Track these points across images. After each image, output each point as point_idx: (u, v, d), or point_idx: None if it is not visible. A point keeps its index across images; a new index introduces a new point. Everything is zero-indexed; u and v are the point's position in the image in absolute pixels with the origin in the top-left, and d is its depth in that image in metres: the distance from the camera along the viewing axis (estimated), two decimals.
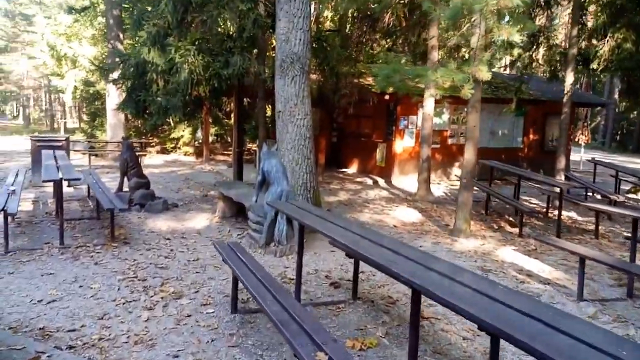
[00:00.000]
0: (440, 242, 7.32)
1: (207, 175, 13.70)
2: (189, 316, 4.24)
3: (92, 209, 8.49)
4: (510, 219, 9.28)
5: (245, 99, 11.66)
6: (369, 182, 13.58)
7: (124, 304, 4.43)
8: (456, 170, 14.57)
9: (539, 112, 15.69)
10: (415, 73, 6.25)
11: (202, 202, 9.69)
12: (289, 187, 6.29)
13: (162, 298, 4.60)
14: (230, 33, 8.16)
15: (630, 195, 12.64)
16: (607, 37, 8.73)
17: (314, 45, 8.76)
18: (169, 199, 9.28)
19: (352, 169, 16.00)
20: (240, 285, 4.26)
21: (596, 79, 27.23)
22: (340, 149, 16.70)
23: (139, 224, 7.72)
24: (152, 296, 4.63)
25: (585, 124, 21.79)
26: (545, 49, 11.47)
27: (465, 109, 14.90)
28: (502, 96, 14.83)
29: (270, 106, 9.62)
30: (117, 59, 8.29)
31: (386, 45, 19.46)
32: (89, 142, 16.74)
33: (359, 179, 13.90)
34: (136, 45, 8.75)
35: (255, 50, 8.66)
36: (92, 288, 4.79)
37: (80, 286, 4.84)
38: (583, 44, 9.65)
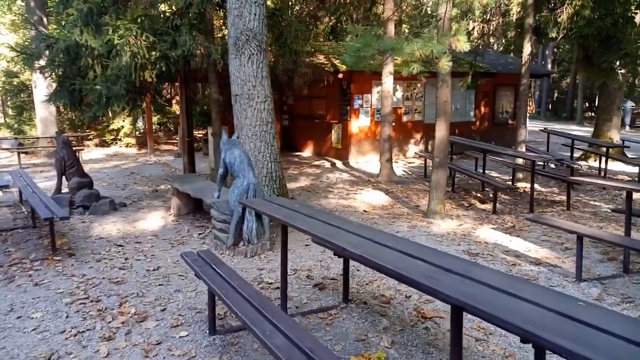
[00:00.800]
0: (416, 226, 6.94)
1: (154, 167, 12.70)
2: (158, 344, 3.57)
3: (26, 215, 7.47)
4: (479, 195, 9.07)
5: (193, 84, 10.74)
6: (327, 164, 13.08)
7: (75, 335, 3.69)
8: (413, 148, 14.33)
9: (489, 85, 15.67)
10: (390, 46, 5.72)
11: (152, 199, 8.83)
12: (255, 180, 5.64)
13: (122, 323, 3.88)
14: (176, 10, 7.27)
15: (582, 162, 12.86)
16: (565, 4, 8.53)
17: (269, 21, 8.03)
18: (115, 198, 8.37)
19: (307, 152, 15.44)
20: (217, 299, 3.62)
21: (545, 49, 27.88)
22: (293, 132, 16.06)
23: (84, 229, 6.83)
24: (110, 322, 3.90)
25: (529, 94, 22.28)
26: (499, 19, 11.25)
27: (419, 85, 14.82)
28: (455, 70, 14.65)
29: (219, 90, 8.81)
30: (43, 44, 7.22)
31: (330, 24, 18.88)
32: (16, 139, 15.17)
33: (316, 162, 13.37)
34: (64, 26, 7.69)
35: (203, 28, 7.82)
36: (33, 318, 3.99)
37: (18, 317, 4.02)
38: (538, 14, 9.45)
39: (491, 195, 8.67)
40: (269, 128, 6.83)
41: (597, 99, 14.06)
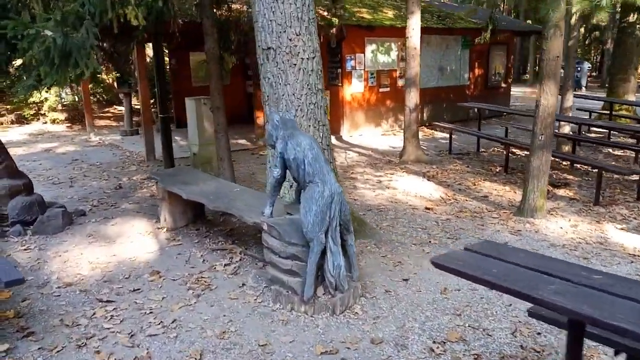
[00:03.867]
0: (520, 231, 5.06)
1: (101, 152, 9.85)
2: None
3: None
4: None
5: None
6: None
7: None
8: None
9: (484, 45, 13.98)
10: None
11: (121, 201, 6.28)
12: (340, 187, 3.43)
13: None
14: None
15: None
16: None
17: None
18: (66, 203, 5.77)
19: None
20: None
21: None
22: (256, 98, 13.55)
23: (31, 266, 4.30)
24: None
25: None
26: None
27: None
28: (450, 26, 12.83)
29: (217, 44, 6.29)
30: None
31: None
32: None
33: None
34: None
35: None
36: None
37: None
38: None
39: (570, 178, 7.00)
40: (319, 99, 4.56)
41: (612, 57, 12.78)
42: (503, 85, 14.79)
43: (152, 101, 10.69)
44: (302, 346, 3.05)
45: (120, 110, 17.20)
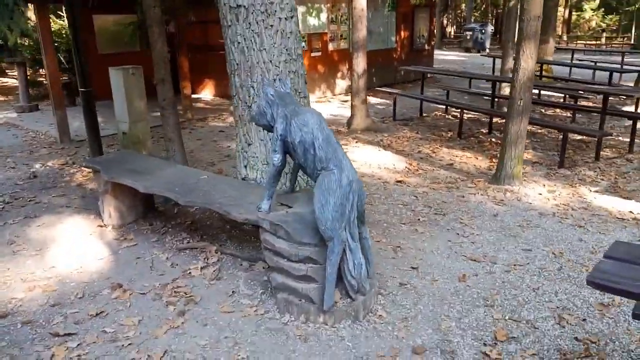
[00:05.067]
0: (503, 200, 4.86)
1: None
2: None
3: None
4: (493, 139, 7.28)
5: None
6: None
7: None
8: (341, 83, 11.97)
9: (409, 6, 13.78)
10: None
11: (42, 194, 5.22)
12: (355, 172, 2.89)
13: None
14: None
15: None
16: None
17: None
18: None
19: (205, 93, 12.10)
20: None
21: None
22: (179, 68, 12.36)
23: None
24: None
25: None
26: None
27: (343, 5, 12.11)
28: None
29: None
30: None
31: None
32: None
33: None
34: None
35: None
36: None
37: None
38: None
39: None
40: (299, 66, 3.91)
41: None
42: (427, 47, 14.78)
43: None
44: None
45: (4, 83, 14.98)
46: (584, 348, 2.63)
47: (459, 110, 7.45)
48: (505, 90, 8.87)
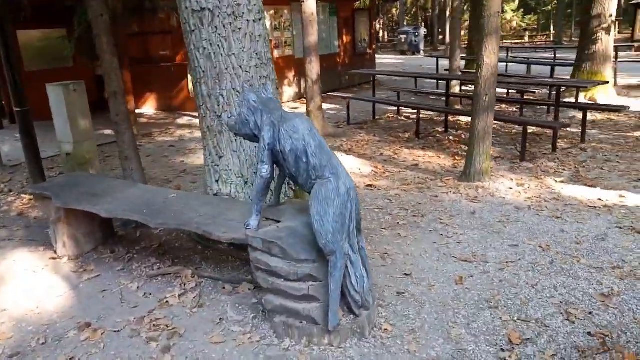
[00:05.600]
0: (477, 197, 4.84)
1: None
2: None
3: None
4: (451, 137, 7.34)
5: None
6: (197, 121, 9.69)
7: None
8: (288, 90, 11.78)
9: (349, 10, 13.84)
10: None
11: None
12: (351, 179, 2.70)
13: None
14: None
15: None
16: None
17: None
18: None
19: (147, 108, 11.52)
20: None
21: None
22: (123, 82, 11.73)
23: None
24: None
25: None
26: None
27: (285, 11, 11.86)
28: None
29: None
30: None
31: None
32: None
33: (180, 121, 9.85)
34: None
35: None
36: None
37: None
38: None
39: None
40: (270, 71, 3.68)
41: (471, 19, 13.54)
42: (369, 51, 14.91)
43: None
44: None
45: None
46: (599, 343, 2.57)
47: (415, 110, 7.45)
48: (456, 88, 9.02)
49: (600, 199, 4.62)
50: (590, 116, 7.76)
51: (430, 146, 6.97)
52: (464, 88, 9.86)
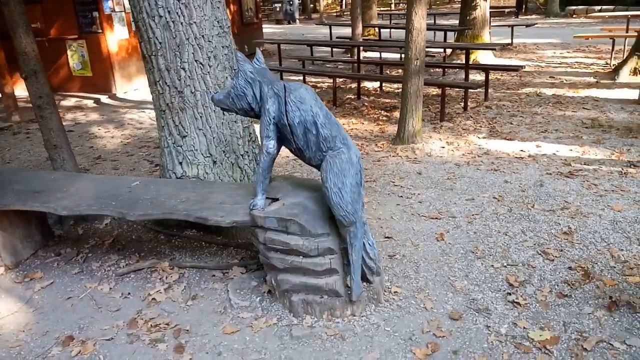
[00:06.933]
0: (417, 158, 5.09)
1: None
2: None
3: None
4: (366, 104, 7.55)
5: None
6: (89, 104, 8.82)
7: None
8: None
9: None
10: None
11: None
12: (357, 148, 2.68)
13: None
14: None
15: None
16: None
17: None
18: None
19: (19, 90, 10.07)
20: None
21: None
22: None
23: None
24: None
25: None
26: None
27: None
28: None
29: None
30: None
31: None
32: None
33: (67, 103, 8.83)
34: None
35: None
36: None
37: None
38: None
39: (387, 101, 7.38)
40: (230, 41, 3.43)
41: None
42: (256, 21, 14.55)
43: None
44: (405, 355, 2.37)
45: None
46: (581, 275, 2.91)
47: (327, 78, 7.50)
48: (363, 55, 9.22)
49: (522, 150, 5.13)
50: (479, 76, 8.50)
51: (349, 113, 7.11)
52: (366, 55, 10.14)
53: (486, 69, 7.37)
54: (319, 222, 2.56)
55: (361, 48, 8.55)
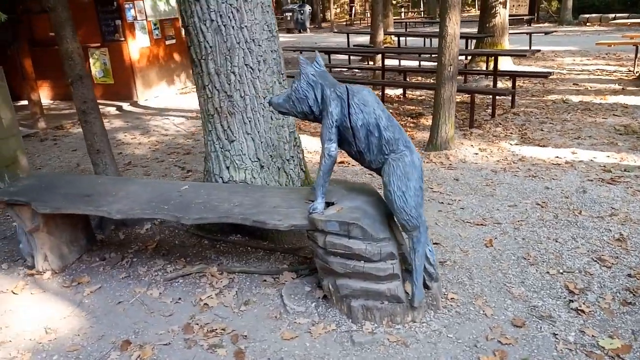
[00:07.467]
0: (451, 164, 5.05)
1: None
2: None
3: None
4: (390, 111, 7.53)
5: None
6: (112, 111, 8.87)
7: None
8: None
9: None
10: None
11: None
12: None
13: None
14: None
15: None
16: None
17: None
18: None
19: (42, 98, 10.15)
20: None
21: None
22: (22, 67, 10.15)
23: None
24: None
25: None
26: None
27: None
28: None
29: None
30: None
31: None
32: None
33: None
34: None
35: None
36: None
37: None
38: None
39: (414, 108, 7.35)
40: (279, 44, 3.43)
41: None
42: None
43: None
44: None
45: None
46: None
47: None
48: (379, 63, 9.22)
49: (557, 157, 5.08)
50: (500, 84, 8.47)
51: None
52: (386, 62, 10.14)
53: (514, 75, 7.33)
54: (380, 227, 2.53)
55: (375, 56, 8.53)
